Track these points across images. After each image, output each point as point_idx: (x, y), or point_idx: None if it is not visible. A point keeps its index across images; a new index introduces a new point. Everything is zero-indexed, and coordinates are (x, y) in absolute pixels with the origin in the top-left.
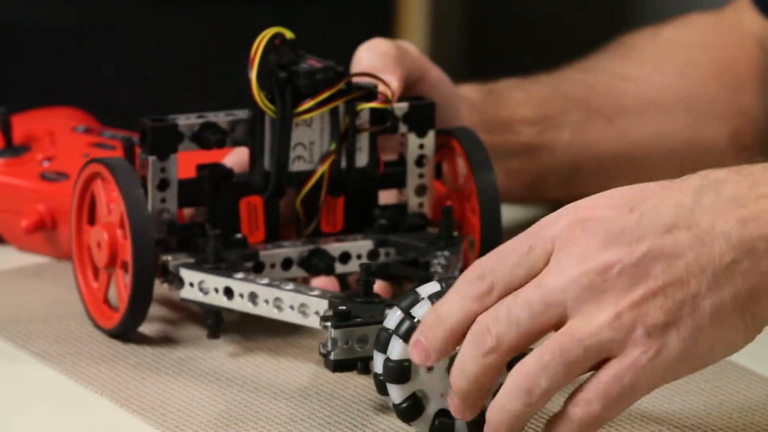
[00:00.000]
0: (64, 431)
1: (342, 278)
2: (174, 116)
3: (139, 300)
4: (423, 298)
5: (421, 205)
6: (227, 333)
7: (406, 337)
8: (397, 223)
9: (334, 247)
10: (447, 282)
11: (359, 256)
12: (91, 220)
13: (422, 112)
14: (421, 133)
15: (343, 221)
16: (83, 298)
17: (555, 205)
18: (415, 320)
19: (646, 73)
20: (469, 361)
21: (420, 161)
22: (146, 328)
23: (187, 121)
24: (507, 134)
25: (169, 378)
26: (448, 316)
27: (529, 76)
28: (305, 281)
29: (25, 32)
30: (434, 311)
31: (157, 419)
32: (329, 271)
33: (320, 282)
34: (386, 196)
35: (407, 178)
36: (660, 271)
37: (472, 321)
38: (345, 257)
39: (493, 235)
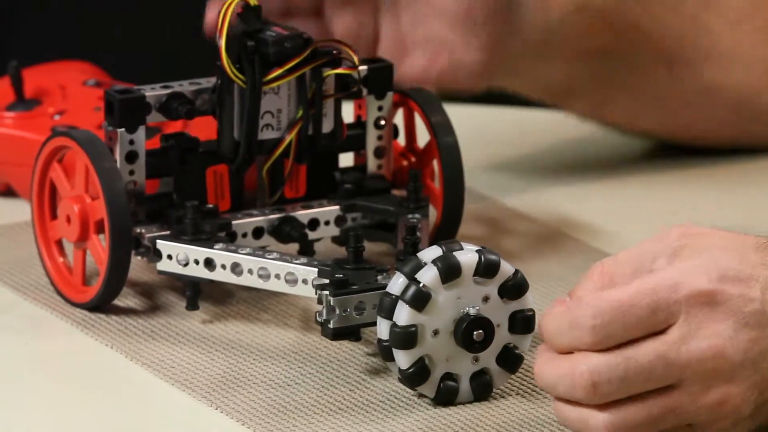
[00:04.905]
0: (68, 378)
1: (309, 244)
2: (140, 87)
3: (117, 272)
4: (426, 263)
5: (380, 166)
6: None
7: (412, 302)
8: (361, 187)
9: (302, 214)
10: (448, 246)
11: (327, 222)
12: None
13: (381, 74)
14: (380, 96)
15: (306, 186)
16: (50, 274)
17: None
18: (421, 285)
19: (724, 26)
20: (559, 384)
21: (378, 123)
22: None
23: (153, 92)
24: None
25: (147, 344)
26: (555, 335)
27: None
28: None
29: None
30: (551, 320)
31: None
32: (302, 239)
33: None
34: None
35: (366, 140)
36: None
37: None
38: (313, 224)
39: (456, 198)
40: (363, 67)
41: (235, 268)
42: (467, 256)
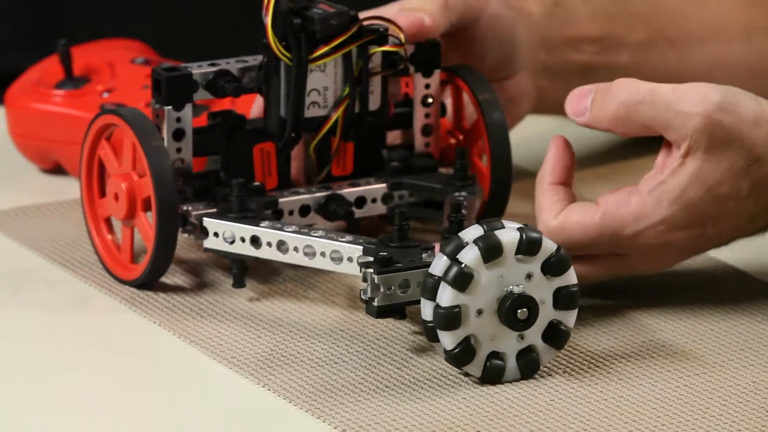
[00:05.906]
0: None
1: (355, 222)
2: (187, 65)
3: (164, 250)
4: (468, 243)
5: (427, 144)
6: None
7: (454, 283)
8: (408, 165)
9: (349, 192)
10: (489, 225)
11: (374, 200)
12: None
13: (428, 52)
14: (427, 73)
15: (353, 164)
16: (99, 251)
17: None
18: (463, 265)
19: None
20: None
21: (426, 101)
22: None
23: (200, 70)
24: (567, 53)
25: (194, 322)
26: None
27: None
28: None
29: None
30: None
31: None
32: (348, 216)
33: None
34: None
35: (414, 118)
36: None
37: None
38: (360, 201)
39: (504, 176)
40: (410, 45)
41: (281, 245)
42: (509, 234)
